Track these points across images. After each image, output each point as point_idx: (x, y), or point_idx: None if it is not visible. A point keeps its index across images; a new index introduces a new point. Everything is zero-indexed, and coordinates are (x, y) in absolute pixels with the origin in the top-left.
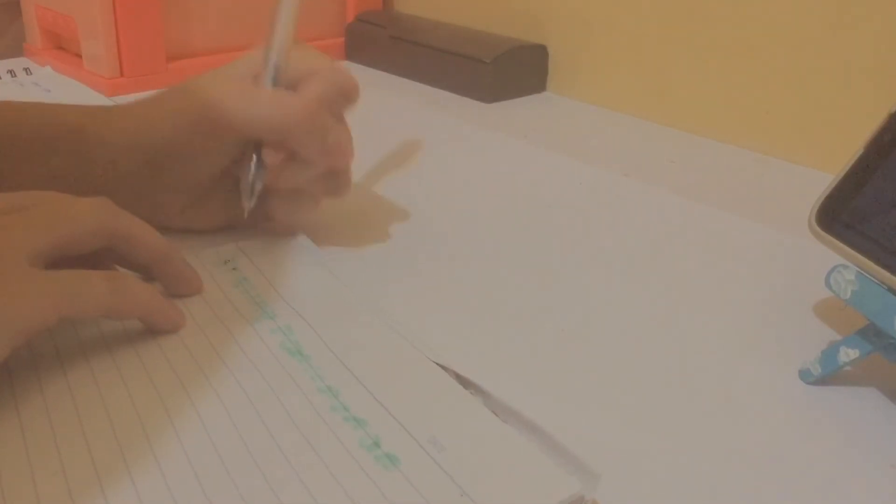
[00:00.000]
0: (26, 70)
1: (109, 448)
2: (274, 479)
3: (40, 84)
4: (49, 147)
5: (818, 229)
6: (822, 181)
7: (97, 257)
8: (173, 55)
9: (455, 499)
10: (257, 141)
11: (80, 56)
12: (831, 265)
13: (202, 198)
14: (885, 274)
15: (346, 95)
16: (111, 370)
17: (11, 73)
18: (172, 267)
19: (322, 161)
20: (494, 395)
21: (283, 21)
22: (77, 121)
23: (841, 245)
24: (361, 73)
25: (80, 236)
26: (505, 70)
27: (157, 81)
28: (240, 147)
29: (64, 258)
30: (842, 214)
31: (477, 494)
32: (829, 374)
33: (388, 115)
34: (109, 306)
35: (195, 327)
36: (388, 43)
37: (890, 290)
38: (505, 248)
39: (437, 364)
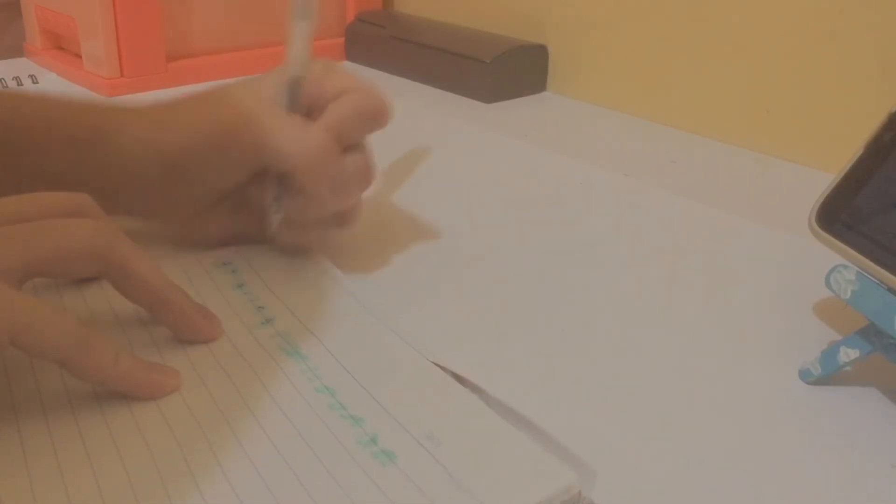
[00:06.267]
0: (32, 77)
1: (112, 462)
2: (271, 478)
3: None
4: (60, 143)
5: (818, 229)
6: (822, 181)
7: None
8: (173, 55)
9: (452, 492)
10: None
11: (80, 56)
12: (831, 265)
13: (212, 208)
14: (885, 274)
15: (374, 119)
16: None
17: (17, 80)
18: (174, 312)
19: (329, 202)
20: (492, 393)
21: (297, 33)
22: (91, 120)
23: (841, 245)
24: (361, 73)
25: (66, 257)
26: (505, 70)
27: (156, 81)
28: (254, 168)
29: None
30: (842, 214)
31: (474, 487)
32: (829, 374)
33: None
34: (67, 357)
35: None
36: (388, 43)
37: (890, 290)
38: (504, 247)
39: (435, 364)
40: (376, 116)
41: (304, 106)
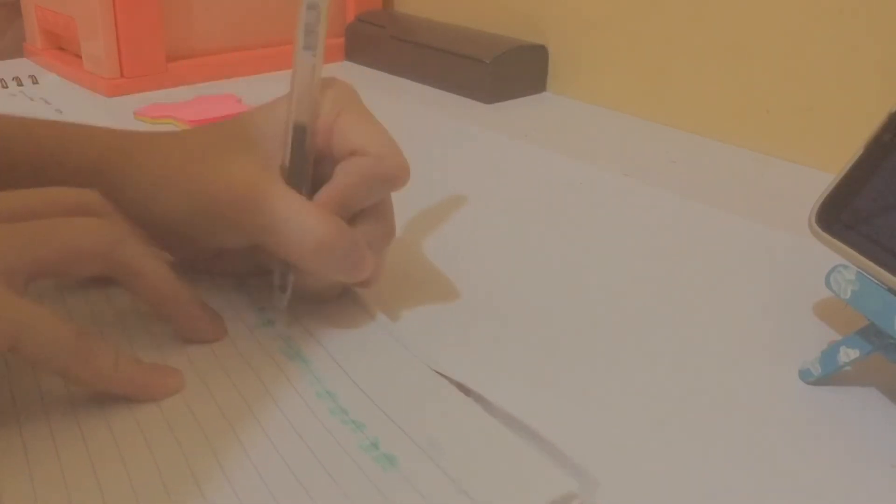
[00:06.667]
0: (32, 77)
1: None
2: (272, 481)
3: (51, 102)
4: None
5: (818, 229)
6: (822, 181)
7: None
8: (173, 55)
9: (453, 498)
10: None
11: (79, 56)
12: (831, 265)
13: (227, 253)
14: (885, 274)
15: (387, 185)
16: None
17: (17, 80)
18: (181, 311)
19: (340, 280)
20: (493, 400)
21: (301, 66)
22: (93, 163)
23: (841, 245)
24: (361, 73)
25: (74, 257)
26: (505, 70)
27: (156, 81)
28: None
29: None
30: (842, 214)
31: (475, 493)
32: (829, 374)
33: (388, 115)
34: (65, 366)
35: None
36: (388, 43)
37: (890, 290)
38: (503, 248)
39: (437, 372)
40: (388, 182)
41: (310, 157)
